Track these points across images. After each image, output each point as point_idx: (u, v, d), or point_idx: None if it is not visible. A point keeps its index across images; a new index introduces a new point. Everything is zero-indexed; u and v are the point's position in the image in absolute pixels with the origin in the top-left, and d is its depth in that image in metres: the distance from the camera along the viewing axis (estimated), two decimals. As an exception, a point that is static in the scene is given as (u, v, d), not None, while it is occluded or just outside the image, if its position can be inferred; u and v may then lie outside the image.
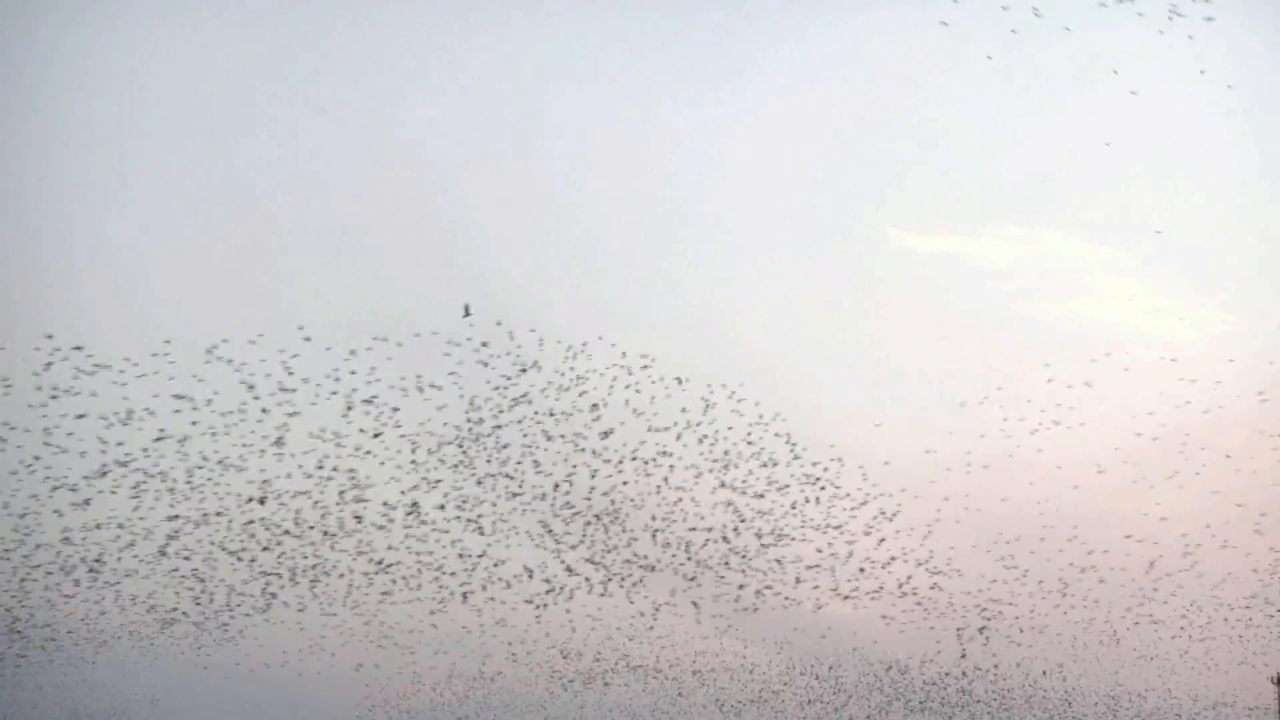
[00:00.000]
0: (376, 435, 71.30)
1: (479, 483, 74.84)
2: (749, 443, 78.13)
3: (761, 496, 78.96)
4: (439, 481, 74.02)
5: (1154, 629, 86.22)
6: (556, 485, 75.42)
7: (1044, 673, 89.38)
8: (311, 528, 73.00)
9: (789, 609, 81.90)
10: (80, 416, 66.20)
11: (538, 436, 74.58)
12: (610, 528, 77.07)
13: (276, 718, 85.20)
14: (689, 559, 79.23)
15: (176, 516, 71.15)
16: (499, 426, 74.00)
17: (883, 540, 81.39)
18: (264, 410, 69.28)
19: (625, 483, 76.17)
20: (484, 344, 71.66)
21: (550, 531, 76.43)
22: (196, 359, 67.24)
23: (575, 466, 75.18)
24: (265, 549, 73.08)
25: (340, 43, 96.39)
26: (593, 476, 75.58)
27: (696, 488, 77.43)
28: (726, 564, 79.70)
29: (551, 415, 74.23)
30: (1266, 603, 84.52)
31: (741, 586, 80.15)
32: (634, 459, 75.94)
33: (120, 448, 68.13)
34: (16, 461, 66.18)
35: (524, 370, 72.91)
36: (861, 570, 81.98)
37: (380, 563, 75.03)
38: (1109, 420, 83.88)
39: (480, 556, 76.49)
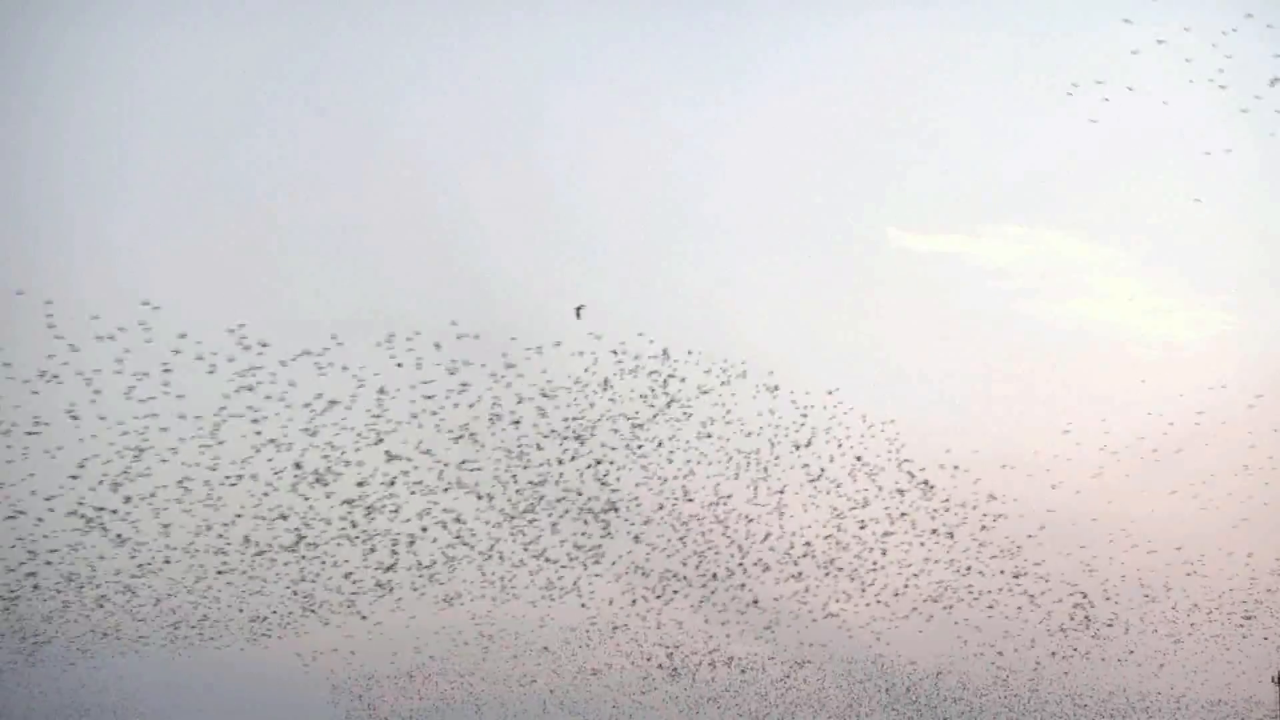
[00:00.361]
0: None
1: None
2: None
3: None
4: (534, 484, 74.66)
5: (1152, 628, 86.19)
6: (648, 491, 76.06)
7: (1035, 668, 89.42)
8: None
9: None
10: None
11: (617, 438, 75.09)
12: (711, 534, 77.77)
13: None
14: (794, 563, 79.99)
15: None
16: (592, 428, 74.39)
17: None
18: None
19: (722, 486, 76.89)
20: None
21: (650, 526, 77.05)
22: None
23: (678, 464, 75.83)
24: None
25: (340, 43, 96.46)
26: (690, 475, 76.25)
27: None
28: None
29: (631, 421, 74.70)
30: (1267, 603, 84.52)
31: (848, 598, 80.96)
32: (731, 460, 76.64)
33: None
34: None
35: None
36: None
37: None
38: (1107, 420, 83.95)
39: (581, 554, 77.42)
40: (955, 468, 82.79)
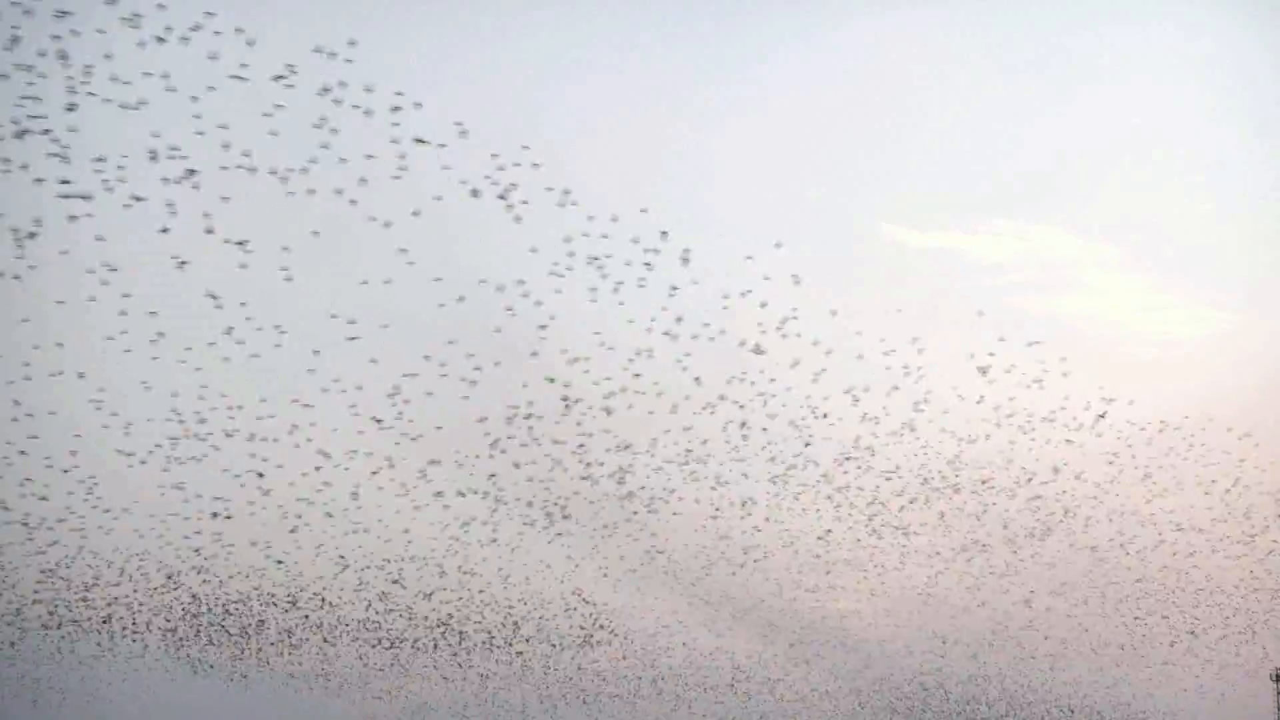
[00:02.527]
0: None
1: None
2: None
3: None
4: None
5: (1152, 626, 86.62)
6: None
7: (1049, 668, 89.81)
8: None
9: None
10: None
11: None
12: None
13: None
14: None
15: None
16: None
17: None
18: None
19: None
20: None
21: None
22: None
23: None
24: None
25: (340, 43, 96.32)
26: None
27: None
28: None
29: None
30: (1266, 599, 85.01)
31: None
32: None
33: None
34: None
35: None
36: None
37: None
38: (1103, 416, 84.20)
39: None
40: (952, 461, 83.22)
